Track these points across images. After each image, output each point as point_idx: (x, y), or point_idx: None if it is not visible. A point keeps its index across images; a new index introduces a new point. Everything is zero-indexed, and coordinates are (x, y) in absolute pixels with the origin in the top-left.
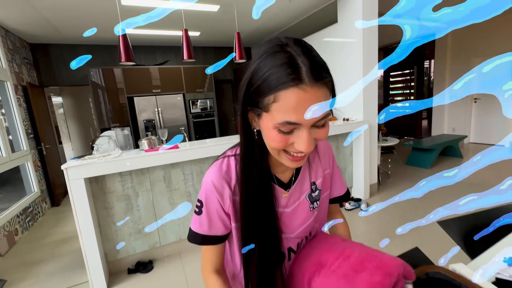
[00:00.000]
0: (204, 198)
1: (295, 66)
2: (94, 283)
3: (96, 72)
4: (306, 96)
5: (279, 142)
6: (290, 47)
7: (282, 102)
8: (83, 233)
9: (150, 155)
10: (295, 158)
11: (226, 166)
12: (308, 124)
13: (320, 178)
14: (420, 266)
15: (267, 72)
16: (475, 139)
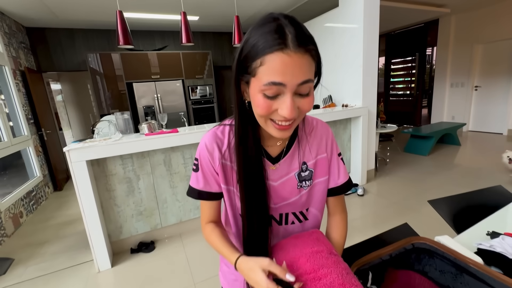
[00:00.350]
0: (199, 157)
1: (282, 33)
2: (98, 261)
3: (94, 58)
4: (290, 61)
5: (264, 108)
6: (279, 19)
7: (268, 65)
8: (87, 214)
9: (150, 138)
10: (280, 126)
11: (221, 133)
12: (291, 88)
13: (313, 160)
14: (408, 237)
15: (256, 39)
16: (474, 127)
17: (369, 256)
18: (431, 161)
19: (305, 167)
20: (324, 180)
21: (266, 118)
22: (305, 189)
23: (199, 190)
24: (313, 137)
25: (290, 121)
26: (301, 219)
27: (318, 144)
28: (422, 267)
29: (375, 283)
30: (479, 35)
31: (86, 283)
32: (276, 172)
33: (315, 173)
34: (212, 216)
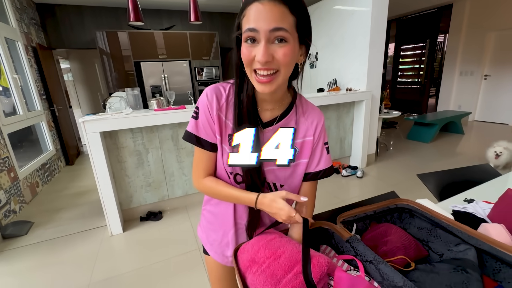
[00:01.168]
0: (200, 105)
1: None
2: (111, 226)
3: (101, 36)
4: (263, 9)
5: (245, 55)
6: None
7: (247, 15)
8: (101, 182)
9: (159, 114)
10: (260, 79)
11: (222, 88)
12: (264, 34)
13: (299, 140)
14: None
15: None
16: (480, 117)
17: (354, 210)
18: (432, 149)
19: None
20: (304, 163)
21: (250, 69)
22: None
23: (197, 136)
24: (305, 119)
25: (267, 71)
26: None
27: (308, 126)
28: (403, 225)
29: (358, 234)
30: (494, 22)
31: (101, 244)
32: (263, 135)
33: (299, 154)
34: (209, 169)
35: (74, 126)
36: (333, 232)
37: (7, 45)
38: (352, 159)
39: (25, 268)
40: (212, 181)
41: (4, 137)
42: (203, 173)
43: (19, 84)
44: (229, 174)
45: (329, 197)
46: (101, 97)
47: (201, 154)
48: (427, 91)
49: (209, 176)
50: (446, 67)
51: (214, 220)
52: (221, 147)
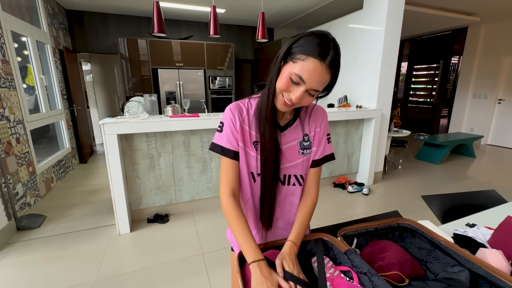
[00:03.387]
0: (224, 120)
1: (328, 51)
2: (120, 225)
3: (122, 42)
4: (320, 70)
5: (284, 84)
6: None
7: (306, 63)
8: (114, 182)
9: (174, 120)
10: (285, 103)
11: (242, 104)
12: (307, 86)
13: (312, 133)
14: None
15: (310, 42)
16: (493, 141)
17: (356, 225)
18: (441, 170)
19: (306, 138)
20: (314, 150)
21: (280, 92)
22: (306, 156)
23: (222, 146)
24: (313, 116)
25: (291, 103)
26: (300, 182)
27: (316, 121)
28: (404, 243)
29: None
30: (509, 47)
31: (108, 242)
32: (283, 138)
33: (313, 144)
34: (233, 181)
35: (90, 125)
36: (332, 244)
37: (37, 47)
38: (359, 176)
39: (36, 260)
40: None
41: (27, 133)
42: (227, 186)
43: (44, 84)
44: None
45: (334, 212)
46: (118, 99)
47: (226, 164)
48: (439, 112)
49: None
50: (459, 88)
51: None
52: (244, 151)
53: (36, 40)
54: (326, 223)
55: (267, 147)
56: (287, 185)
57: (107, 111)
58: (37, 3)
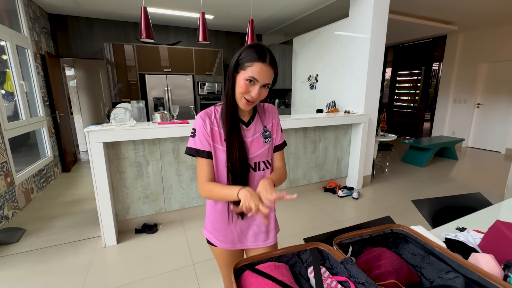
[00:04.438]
0: (196, 126)
1: (264, 54)
2: (106, 237)
3: (107, 47)
4: (265, 69)
5: (243, 87)
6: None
7: (254, 67)
8: (99, 192)
9: (163, 127)
10: (247, 102)
11: (210, 110)
12: (260, 83)
13: (270, 124)
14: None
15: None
16: (473, 143)
17: (351, 233)
18: (426, 173)
19: (266, 129)
20: (274, 138)
21: (242, 95)
22: (268, 143)
23: (196, 149)
24: (267, 112)
25: (253, 99)
26: (268, 166)
27: (270, 115)
28: (398, 249)
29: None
30: (485, 54)
31: (94, 255)
32: (248, 132)
33: (272, 133)
34: (209, 175)
35: (73, 133)
36: (328, 254)
37: (17, 52)
38: (349, 180)
39: (15, 277)
40: (210, 185)
41: (5, 142)
42: (205, 179)
43: (24, 90)
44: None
45: (325, 217)
46: (103, 105)
47: (201, 163)
48: (422, 116)
49: (210, 182)
50: (441, 93)
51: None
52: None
53: (16, 45)
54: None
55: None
56: (258, 171)
57: (92, 117)
58: (17, 6)
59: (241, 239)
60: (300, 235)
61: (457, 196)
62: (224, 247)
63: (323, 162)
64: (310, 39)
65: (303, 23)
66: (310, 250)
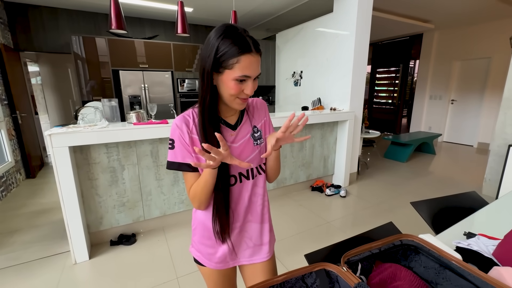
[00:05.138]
0: (173, 136)
1: (247, 42)
2: (75, 252)
3: (77, 41)
4: (254, 59)
5: (235, 89)
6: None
7: (242, 62)
8: (66, 203)
9: (139, 128)
10: (243, 100)
11: (187, 115)
12: (253, 77)
13: (260, 123)
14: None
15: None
16: (448, 138)
17: (359, 248)
18: (408, 168)
19: (256, 129)
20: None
21: (234, 97)
22: (260, 145)
23: (178, 162)
24: (256, 108)
25: (248, 96)
26: (261, 171)
27: (259, 112)
28: (408, 262)
29: (363, 274)
30: (458, 52)
31: (61, 275)
32: (236, 136)
33: (264, 133)
34: None
35: (39, 134)
36: (337, 276)
37: None
38: (335, 178)
39: None
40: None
41: None
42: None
43: None
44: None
45: (313, 217)
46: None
47: (187, 177)
48: (400, 112)
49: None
50: (418, 90)
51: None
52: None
53: None
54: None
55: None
56: (251, 179)
57: (61, 117)
58: None
59: (233, 256)
60: (290, 239)
61: (453, 196)
62: (215, 266)
63: (310, 160)
64: (294, 35)
65: (286, 18)
66: (316, 272)
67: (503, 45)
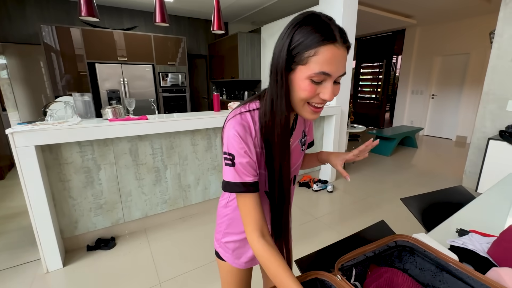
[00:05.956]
0: (234, 151)
1: (331, 29)
2: (47, 260)
3: (48, 32)
4: (339, 53)
5: (309, 92)
6: (324, 18)
7: (321, 55)
8: (34, 207)
9: (115, 125)
10: (316, 109)
11: (246, 120)
12: (334, 77)
13: (308, 127)
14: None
15: (307, 33)
16: (429, 132)
17: (354, 252)
18: (392, 161)
19: (303, 134)
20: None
21: (305, 101)
22: (304, 151)
23: (243, 183)
24: None
25: (325, 103)
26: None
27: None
28: (403, 264)
29: (357, 279)
30: (439, 48)
31: (31, 285)
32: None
33: (308, 138)
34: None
35: None
36: (331, 285)
37: None
38: (322, 173)
39: None
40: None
41: None
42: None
43: None
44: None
45: (302, 214)
46: (45, 99)
47: (249, 201)
48: (384, 107)
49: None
50: (400, 85)
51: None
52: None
53: None
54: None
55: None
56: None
57: (33, 114)
58: None
59: None
60: None
61: (441, 191)
62: (244, 266)
63: None
64: (279, 28)
65: (271, 10)
66: (308, 282)
67: (481, 41)
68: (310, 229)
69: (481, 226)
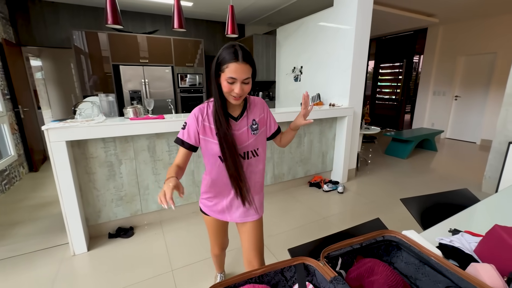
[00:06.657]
0: (188, 121)
1: (237, 53)
2: (74, 244)
3: (79, 36)
4: (239, 67)
5: (227, 88)
6: (236, 47)
7: (230, 68)
8: (64, 196)
9: (135, 123)
10: (235, 98)
11: (203, 106)
12: (240, 80)
13: (258, 118)
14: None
15: (225, 54)
16: (451, 135)
17: (340, 243)
18: (408, 164)
19: (254, 122)
20: (264, 130)
21: (228, 94)
22: (255, 135)
23: (182, 140)
24: (256, 106)
25: (239, 95)
26: (255, 154)
27: (259, 109)
28: (390, 258)
29: (344, 268)
30: (463, 47)
31: (60, 266)
32: (238, 125)
33: (260, 126)
34: (180, 161)
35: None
36: (315, 269)
37: None
38: (334, 174)
39: None
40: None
41: None
42: (175, 161)
43: None
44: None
45: (310, 213)
46: (75, 98)
47: (181, 151)
48: (403, 108)
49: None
50: (421, 86)
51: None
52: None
53: None
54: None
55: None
56: (247, 159)
57: (64, 112)
58: None
59: (230, 213)
60: (285, 234)
61: (444, 193)
62: (215, 216)
63: (308, 156)
64: (294, 30)
65: (287, 12)
66: (295, 266)
67: (509, 40)
68: (316, 227)
69: (478, 227)
